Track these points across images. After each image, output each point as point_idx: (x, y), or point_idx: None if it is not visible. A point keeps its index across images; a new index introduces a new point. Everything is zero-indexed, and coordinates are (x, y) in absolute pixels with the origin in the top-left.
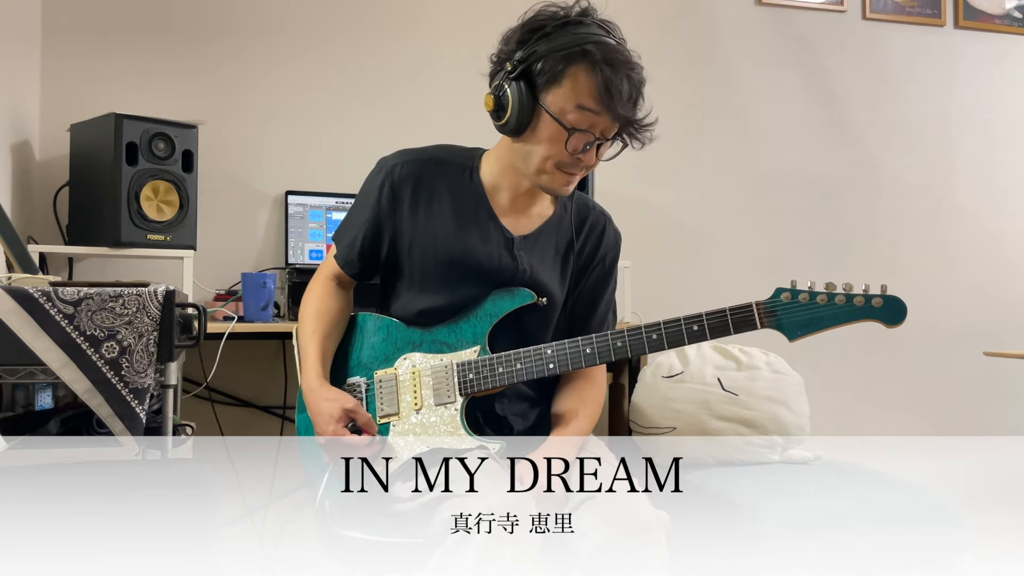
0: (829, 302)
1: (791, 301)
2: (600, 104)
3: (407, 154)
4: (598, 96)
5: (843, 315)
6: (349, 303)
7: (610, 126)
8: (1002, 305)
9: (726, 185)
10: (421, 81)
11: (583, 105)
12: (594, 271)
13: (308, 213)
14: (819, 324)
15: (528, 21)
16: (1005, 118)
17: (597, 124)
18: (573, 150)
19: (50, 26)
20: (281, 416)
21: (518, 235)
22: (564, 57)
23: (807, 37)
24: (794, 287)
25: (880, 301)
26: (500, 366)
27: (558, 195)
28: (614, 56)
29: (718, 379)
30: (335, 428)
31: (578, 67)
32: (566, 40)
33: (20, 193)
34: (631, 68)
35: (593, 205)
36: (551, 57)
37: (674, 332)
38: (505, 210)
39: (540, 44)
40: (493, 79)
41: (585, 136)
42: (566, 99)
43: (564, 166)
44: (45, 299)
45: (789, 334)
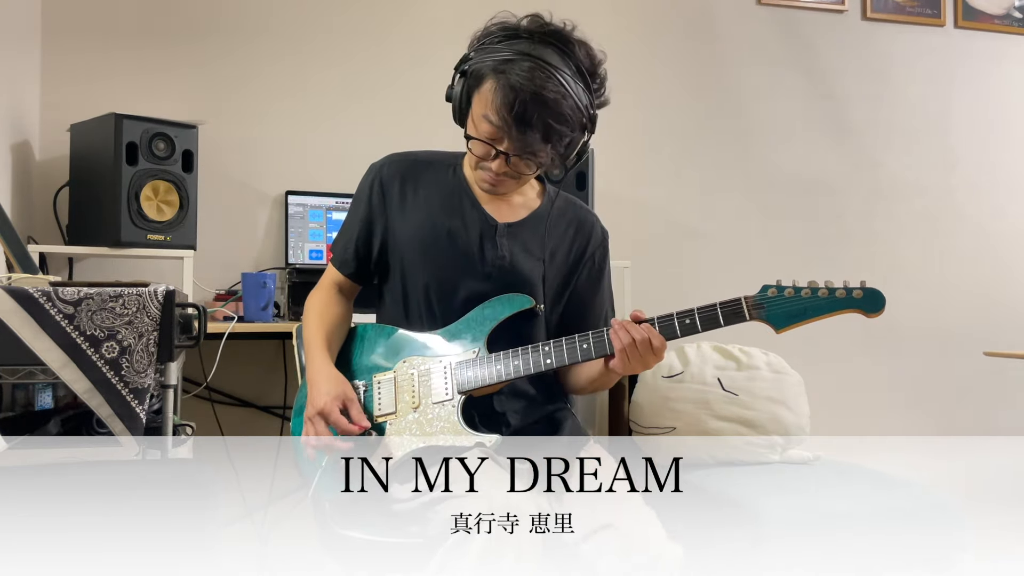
0: (812, 295)
1: (777, 296)
2: (499, 119)
3: (394, 156)
4: (498, 112)
5: (826, 305)
6: (350, 310)
7: (511, 145)
8: (1002, 305)
9: (725, 185)
10: (421, 81)
11: (487, 116)
12: (583, 270)
13: (308, 213)
14: (804, 315)
15: (486, 27)
16: (1005, 118)
17: (499, 138)
18: (479, 156)
19: (50, 26)
20: (281, 416)
21: (502, 222)
22: (489, 67)
23: (807, 37)
24: (779, 284)
25: (860, 293)
26: (498, 363)
27: (490, 194)
28: (525, 79)
29: (718, 379)
30: (328, 402)
31: (492, 80)
32: (498, 53)
33: (20, 193)
34: (541, 95)
35: (580, 204)
36: (482, 64)
37: (666, 325)
38: (487, 200)
39: (484, 50)
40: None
41: (482, 145)
42: (479, 107)
43: (481, 168)
44: (45, 299)
45: (776, 324)
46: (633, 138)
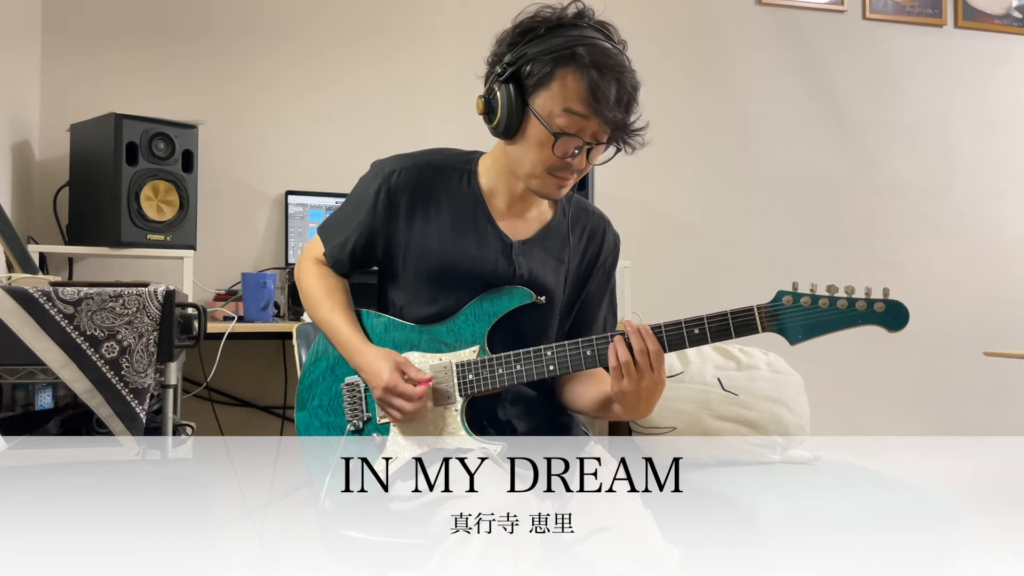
0: (831, 306)
1: (793, 305)
2: (588, 107)
3: (404, 160)
4: (585, 99)
5: (845, 320)
6: (346, 281)
7: (600, 130)
8: (1002, 305)
9: (726, 185)
10: (422, 81)
11: (571, 108)
12: (595, 277)
13: (308, 213)
14: (821, 329)
15: (521, 23)
16: (1005, 118)
17: (586, 128)
18: (562, 155)
19: (50, 26)
20: (281, 416)
21: (516, 240)
22: (552, 60)
23: (807, 37)
24: (795, 289)
25: (883, 306)
26: (500, 367)
27: (551, 199)
28: (603, 59)
29: (718, 379)
30: (389, 377)
31: (566, 70)
32: (556, 42)
33: (20, 193)
34: (622, 71)
35: (592, 209)
36: (540, 60)
37: (675, 335)
38: (503, 214)
39: (531, 46)
40: (486, 81)
41: (573, 140)
42: (554, 102)
43: (554, 170)
44: (45, 299)
45: (791, 338)
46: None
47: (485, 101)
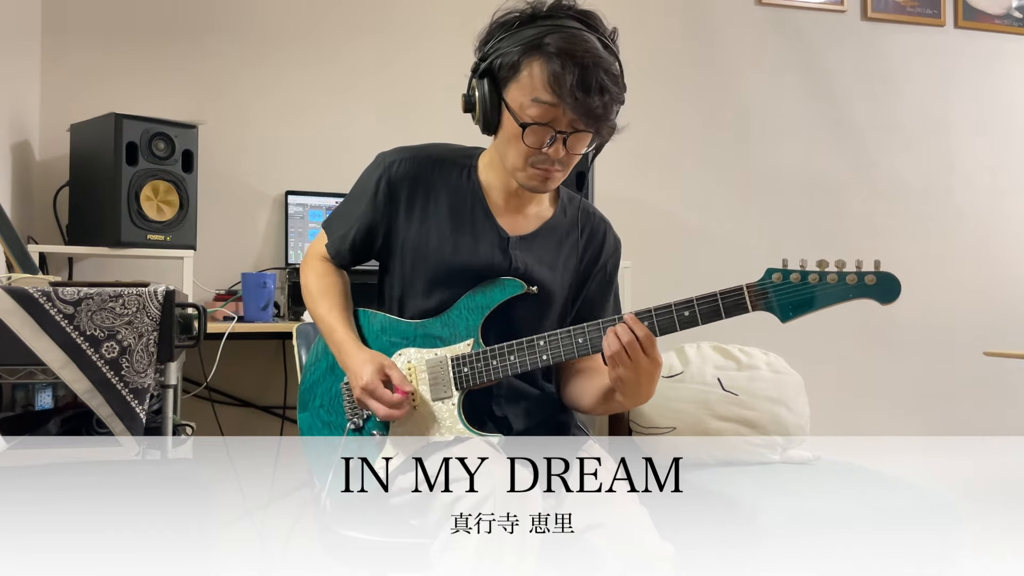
0: (821, 281)
1: (782, 282)
2: (553, 95)
3: (406, 151)
4: (549, 86)
5: (836, 294)
6: (347, 277)
7: (573, 118)
8: (1002, 305)
9: (726, 185)
10: (422, 80)
11: (538, 98)
12: (595, 279)
13: (308, 213)
14: (811, 304)
15: (497, 18)
16: (1005, 118)
17: (558, 117)
18: (535, 145)
19: (50, 26)
20: (281, 416)
21: (515, 235)
22: (520, 50)
23: (807, 37)
24: (785, 266)
25: (873, 279)
26: (494, 359)
27: (539, 192)
28: (569, 46)
29: (718, 379)
30: (369, 378)
31: (532, 59)
32: (527, 34)
33: (20, 193)
34: (589, 56)
35: (593, 211)
36: (510, 52)
37: (665, 319)
38: (501, 209)
39: (504, 40)
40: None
41: (543, 130)
42: (523, 93)
43: (535, 162)
44: (45, 299)
45: (782, 316)
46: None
47: (466, 98)
